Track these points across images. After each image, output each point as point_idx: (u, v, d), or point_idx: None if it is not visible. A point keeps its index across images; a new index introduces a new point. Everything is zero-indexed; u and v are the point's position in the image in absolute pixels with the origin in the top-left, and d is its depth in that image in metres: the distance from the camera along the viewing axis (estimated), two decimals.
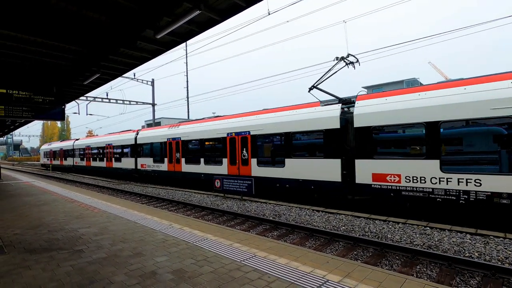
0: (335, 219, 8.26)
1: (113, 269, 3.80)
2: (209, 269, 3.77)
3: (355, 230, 7.27)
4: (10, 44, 7.08)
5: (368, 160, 8.84)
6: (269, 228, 7.97)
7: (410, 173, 8.01)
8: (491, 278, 4.72)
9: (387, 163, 8.46)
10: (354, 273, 3.64)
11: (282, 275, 3.55)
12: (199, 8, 5.32)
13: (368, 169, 8.81)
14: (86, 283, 3.39)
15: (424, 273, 5.06)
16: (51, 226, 6.07)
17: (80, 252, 4.47)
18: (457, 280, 4.78)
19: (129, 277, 3.53)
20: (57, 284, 3.40)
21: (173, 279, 3.46)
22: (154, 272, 3.69)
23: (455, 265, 5.15)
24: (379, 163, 8.59)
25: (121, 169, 22.11)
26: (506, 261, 5.24)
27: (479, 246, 5.85)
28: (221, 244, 4.77)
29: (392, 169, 8.36)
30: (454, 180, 7.29)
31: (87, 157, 27.36)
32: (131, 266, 3.87)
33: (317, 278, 3.49)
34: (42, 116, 9.48)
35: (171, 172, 17.11)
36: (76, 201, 9.33)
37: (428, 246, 6.05)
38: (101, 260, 4.11)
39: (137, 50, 7.97)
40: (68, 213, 7.46)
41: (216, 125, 14.36)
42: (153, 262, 4.02)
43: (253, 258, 4.14)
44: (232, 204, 11.01)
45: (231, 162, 13.44)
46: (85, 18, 6.07)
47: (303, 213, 9.11)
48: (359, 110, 9.10)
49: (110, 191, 16.60)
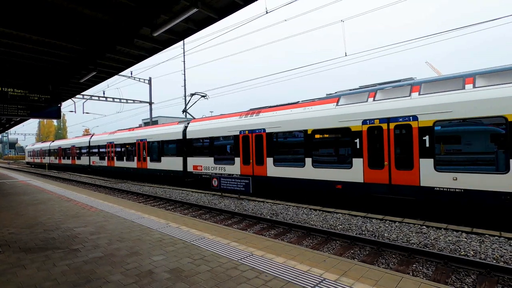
0: (332, 218, 8.29)
1: (109, 268, 3.78)
2: (206, 268, 3.76)
3: (352, 229, 7.30)
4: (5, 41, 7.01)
5: (190, 158, 15.54)
6: (266, 227, 7.98)
7: (205, 164, 14.63)
8: (486, 276, 4.76)
9: (197, 160, 15.12)
10: (351, 271, 3.65)
11: (279, 274, 3.56)
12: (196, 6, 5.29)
13: (191, 163, 15.50)
14: (82, 283, 3.37)
15: (420, 271, 5.09)
16: (47, 225, 6.03)
17: (76, 251, 4.45)
18: (453, 279, 4.82)
19: (126, 276, 3.52)
20: (52, 283, 3.38)
21: (170, 278, 3.45)
22: (150, 271, 3.67)
23: (451, 263, 5.18)
24: (194, 159, 15.27)
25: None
26: (501, 259, 5.29)
27: (474, 245, 5.89)
28: (218, 243, 4.77)
29: (199, 163, 15.03)
30: (222, 167, 13.79)
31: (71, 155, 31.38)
32: (127, 265, 3.86)
33: (314, 276, 3.50)
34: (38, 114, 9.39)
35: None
36: (72, 200, 9.27)
37: (424, 245, 6.08)
38: (98, 259, 4.08)
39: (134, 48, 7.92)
40: (64, 212, 7.41)
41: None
42: (149, 261, 4.01)
43: (250, 257, 4.14)
44: (230, 203, 11.01)
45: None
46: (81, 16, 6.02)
47: (300, 212, 9.13)
48: (188, 128, 15.74)
49: (107, 190, 16.52)
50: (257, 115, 12.45)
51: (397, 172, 8.39)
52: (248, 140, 12.51)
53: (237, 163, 13.01)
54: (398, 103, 8.45)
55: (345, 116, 9.46)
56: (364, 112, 9.06)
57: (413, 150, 8.10)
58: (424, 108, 7.94)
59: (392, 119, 8.47)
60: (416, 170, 8.05)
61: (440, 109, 7.68)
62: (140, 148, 19.30)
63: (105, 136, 23.96)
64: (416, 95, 8.26)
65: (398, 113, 8.37)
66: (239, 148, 12.87)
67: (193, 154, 15.37)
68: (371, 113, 8.90)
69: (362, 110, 9.11)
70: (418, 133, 8.03)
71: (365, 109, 9.06)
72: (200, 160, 14.94)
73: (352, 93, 9.89)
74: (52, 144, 36.42)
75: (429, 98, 7.95)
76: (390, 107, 8.56)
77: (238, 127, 12.93)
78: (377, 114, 8.77)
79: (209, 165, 14.45)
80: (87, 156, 26.69)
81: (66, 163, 31.68)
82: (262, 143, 11.94)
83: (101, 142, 24.19)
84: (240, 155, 12.84)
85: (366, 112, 9.02)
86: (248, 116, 12.77)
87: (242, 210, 9.85)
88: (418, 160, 8.03)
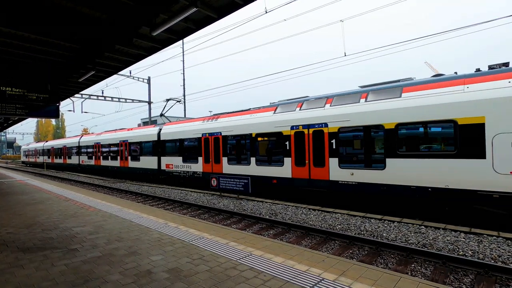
0: (331, 218, 8.30)
1: (108, 268, 3.77)
2: (204, 268, 3.76)
3: (350, 229, 7.31)
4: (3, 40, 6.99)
5: (164, 157, 17.22)
6: (265, 227, 7.98)
7: (175, 163, 16.28)
8: (485, 276, 4.77)
9: (169, 159, 16.79)
10: (350, 271, 3.66)
11: (277, 274, 3.56)
12: (195, 6, 5.29)
13: (164, 162, 17.16)
14: (81, 282, 3.36)
15: (419, 271, 5.10)
16: (45, 225, 6.01)
17: (75, 251, 4.43)
18: (451, 278, 4.83)
19: (124, 276, 3.51)
20: (51, 283, 3.37)
21: (169, 278, 3.45)
22: (149, 271, 3.67)
23: (449, 263, 5.20)
24: (167, 158, 16.92)
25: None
26: (499, 259, 5.30)
27: (473, 245, 5.91)
28: (217, 243, 4.77)
29: (170, 161, 16.64)
30: (189, 166, 15.36)
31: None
32: (126, 265, 3.85)
33: (313, 276, 3.50)
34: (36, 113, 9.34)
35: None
36: (70, 200, 9.25)
37: (423, 245, 6.10)
38: (96, 259, 4.07)
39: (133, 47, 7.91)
40: (62, 211, 7.39)
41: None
42: (148, 261, 4.00)
43: (249, 257, 4.14)
44: (229, 202, 11.00)
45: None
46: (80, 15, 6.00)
47: (300, 212, 9.14)
48: (162, 131, 17.52)
49: (106, 189, 16.49)
50: (216, 120, 14.26)
51: (315, 169, 10.20)
52: (208, 142, 14.34)
53: (200, 162, 14.82)
54: (315, 112, 10.20)
55: (279, 123, 11.22)
56: (292, 119, 10.81)
57: (325, 151, 9.88)
58: (332, 117, 9.70)
59: (311, 126, 10.25)
60: (327, 167, 9.85)
61: (343, 118, 9.46)
62: (122, 148, 21.26)
63: (93, 137, 26.00)
64: (328, 106, 10.00)
65: (315, 121, 10.14)
66: (201, 149, 14.69)
67: (166, 154, 17.20)
68: (297, 120, 10.65)
69: (291, 117, 10.88)
70: (328, 137, 9.82)
71: (293, 116, 10.82)
72: (171, 159, 16.75)
73: (286, 103, 11.69)
74: (46, 144, 38.64)
75: (336, 109, 9.70)
76: (309, 116, 10.34)
77: (201, 130, 14.74)
78: (301, 121, 10.53)
79: (178, 164, 16.26)
80: (77, 155, 28.65)
81: (58, 162, 33.68)
82: (219, 145, 13.72)
83: (89, 142, 26.08)
84: (202, 155, 14.65)
85: (294, 119, 10.77)
86: (210, 121, 14.61)
87: (241, 210, 9.85)
88: (328, 159, 9.82)
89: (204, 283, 3.32)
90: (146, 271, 3.67)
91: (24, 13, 5.83)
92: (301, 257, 4.17)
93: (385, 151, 8.51)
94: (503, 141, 6.69)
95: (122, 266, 3.83)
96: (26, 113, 9.10)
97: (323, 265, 3.85)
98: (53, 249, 4.52)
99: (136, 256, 4.17)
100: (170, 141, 16.81)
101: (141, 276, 3.50)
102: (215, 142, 13.93)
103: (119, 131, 22.52)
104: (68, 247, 4.60)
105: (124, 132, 21.76)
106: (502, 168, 6.70)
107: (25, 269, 3.79)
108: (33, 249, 4.54)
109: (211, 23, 6.47)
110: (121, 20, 6.23)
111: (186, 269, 3.72)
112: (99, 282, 3.36)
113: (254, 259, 4.05)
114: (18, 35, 6.79)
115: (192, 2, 5.33)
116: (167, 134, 17.05)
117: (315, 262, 3.98)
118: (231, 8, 5.93)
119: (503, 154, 6.68)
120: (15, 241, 4.96)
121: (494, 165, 6.81)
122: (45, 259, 4.11)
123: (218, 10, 6.05)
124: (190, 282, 3.34)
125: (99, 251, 4.42)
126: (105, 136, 23.76)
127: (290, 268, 3.75)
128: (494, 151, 6.80)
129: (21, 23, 6.15)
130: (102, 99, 25.24)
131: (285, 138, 10.96)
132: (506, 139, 6.65)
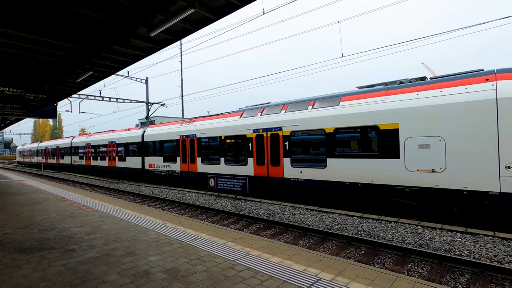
0: (329, 218, 8.33)
1: (105, 268, 3.77)
2: (202, 268, 3.77)
3: (348, 229, 7.34)
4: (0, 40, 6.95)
5: (147, 157, 18.45)
6: (263, 227, 7.99)
7: (157, 163, 17.46)
8: (480, 275, 4.81)
9: (151, 159, 17.98)
10: (346, 271, 3.68)
11: (275, 274, 3.57)
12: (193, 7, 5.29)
13: (147, 162, 18.35)
14: (78, 283, 3.37)
15: (415, 271, 5.13)
16: (42, 225, 5.99)
17: (72, 251, 4.43)
18: (447, 278, 4.87)
19: (122, 277, 3.52)
20: (48, 284, 3.37)
21: (166, 278, 3.46)
22: (147, 271, 3.67)
23: (446, 263, 5.24)
24: (150, 159, 18.13)
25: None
26: (494, 259, 5.35)
27: (469, 245, 5.96)
28: (214, 243, 4.78)
29: (153, 161, 17.87)
30: (168, 165, 16.56)
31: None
32: (123, 266, 3.85)
33: (310, 276, 3.52)
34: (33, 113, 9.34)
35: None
36: (68, 200, 9.22)
37: (419, 245, 6.14)
38: (94, 260, 4.07)
39: (130, 48, 7.89)
40: (60, 212, 7.37)
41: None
42: (146, 261, 4.01)
43: (246, 257, 4.15)
44: (226, 203, 11.01)
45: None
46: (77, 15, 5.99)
47: (297, 212, 9.16)
48: (146, 133, 18.66)
49: (103, 190, 16.44)
50: (192, 123, 15.44)
51: (272, 167, 11.39)
52: (185, 143, 15.51)
53: (178, 161, 16.03)
54: (272, 117, 11.41)
55: (244, 126, 12.43)
56: (254, 123, 12.00)
57: (280, 151, 11.07)
58: (286, 122, 10.88)
59: (269, 129, 11.45)
60: (281, 166, 11.03)
61: (294, 123, 10.64)
62: (110, 149, 22.55)
63: (84, 138, 27.43)
64: (283, 112, 11.16)
65: (272, 125, 11.34)
66: (179, 150, 15.89)
67: (149, 154, 18.48)
68: (258, 124, 11.84)
69: (253, 122, 12.07)
70: (282, 140, 10.99)
71: (255, 121, 12.02)
72: (153, 159, 18.02)
73: (251, 109, 12.91)
74: (40, 144, 40.21)
75: (289, 115, 10.87)
76: (268, 120, 11.52)
77: (179, 132, 15.98)
78: (261, 125, 11.72)
79: (159, 163, 17.48)
80: (69, 156, 30.03)
81: (51, 162, 35.07)
82: (194, 146, 14.91)
83: (80, 143, 27.47)
84: (180, 155, 15.85)
85: (255, 123, 11.96)
86: (187, 124, 15.77)
87: (239, 210, 9.86)
88: (282, 159, 11.00)
89: (201, 283, 3.33)
90: (144, 271, 3.67)
91: (21, 13, 5.81)
92: (299, 257, 4.19)
93: (326, 152, 9.71)
94: (411, 144, 7.93)
95: (119, 266, 3.84)
96: (23, 113, 9.10)
97: (320, 265, 3.87)
98: (51, 250, 4.51)
99: (133, 257, 4.18)
100: (153, 142, 18.08)
101: (138, 277, 3.51)
102: (191, 144, 15.10)
103: (108, 133, 23.90)
104: (65, 248, 4.59)
105: (112, 133, 23.10)
106: (411, 166, 7.93)
107: (22, 269, 3.79)
108: (30, 250, 4.53)
109: (209, 24, 6.47)
110: (118, 20, 6.23)
111: (184, 269, 3.73)
112: (96, 283, 3.36)
113: (251, 259, 4.07)
114: (15, 35, 6.77)
115: (190, 3, 5.33)
116: (150, 136, 18.28)
117: (312, 262, 4.00)
118: (229, 9, 5.94)
119: (412, 154, 7.91)
120: (12, 242, 4.94)
121: (405, 164, 8.03)
122: (42, 260, 4.10)
123: (216, 11, 6.06)
124: (187, 282, 3.35)
125: (96, 251, 4.42)
126: (95, 138, 25.11)
127: (288, 268, 3.77)
128: (405, 152, 8.02)
129: (18, 23, 6.13)
130: (100, 99, 25.15)
131: (248, 140, 12.17)
132: (414, 142, 7.89)
